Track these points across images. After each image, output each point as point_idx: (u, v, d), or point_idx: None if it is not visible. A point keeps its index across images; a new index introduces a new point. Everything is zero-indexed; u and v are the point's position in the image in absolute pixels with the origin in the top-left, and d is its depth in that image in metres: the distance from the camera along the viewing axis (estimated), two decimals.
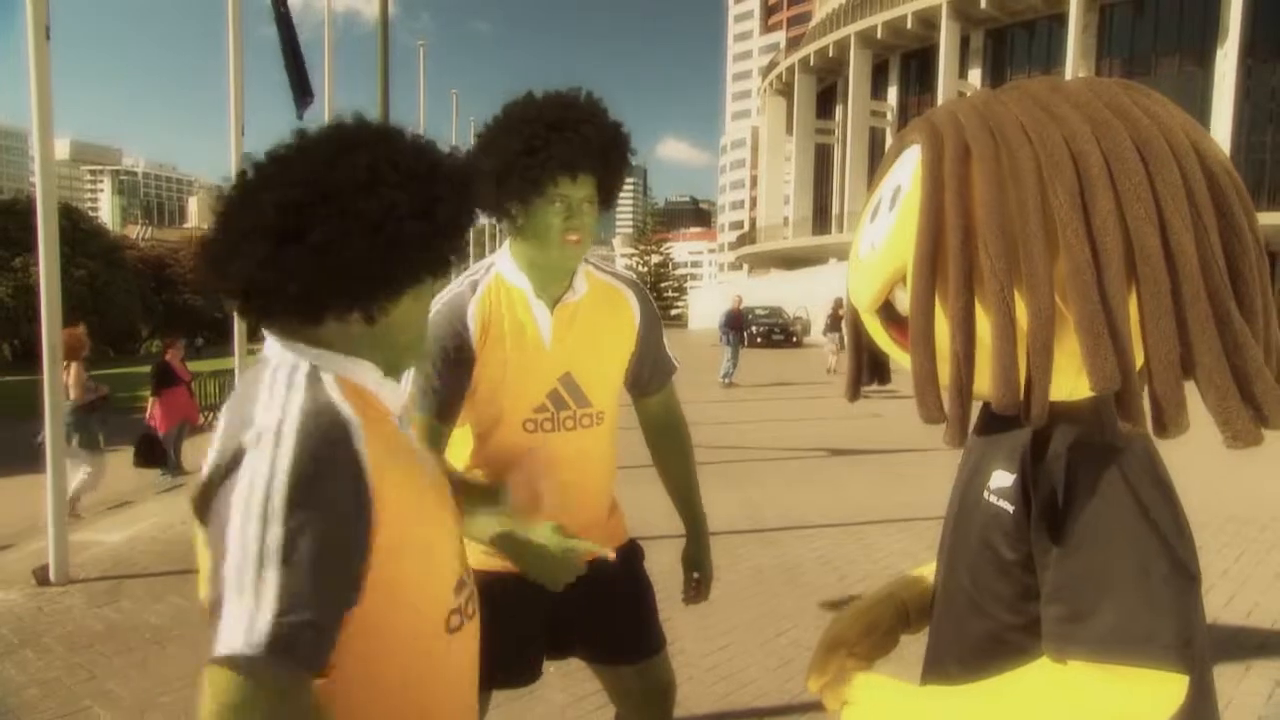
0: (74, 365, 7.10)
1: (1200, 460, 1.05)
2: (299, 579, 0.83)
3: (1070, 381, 0.86)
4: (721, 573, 4.61)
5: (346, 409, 0.95)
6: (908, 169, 0.95)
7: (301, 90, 8.07)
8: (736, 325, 16.76)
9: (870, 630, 1.18)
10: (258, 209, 0.95)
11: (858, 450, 8.44)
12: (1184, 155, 0.82)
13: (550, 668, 1.93)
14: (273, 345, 1.04)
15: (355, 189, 0.95)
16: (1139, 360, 0.83)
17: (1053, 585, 0.87)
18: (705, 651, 3.58)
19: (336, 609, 0.89)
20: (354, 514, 0.92)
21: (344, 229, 0.94)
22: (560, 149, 1.61)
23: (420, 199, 0.98)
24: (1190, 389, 0.82)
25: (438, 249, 1.03)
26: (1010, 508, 0.94)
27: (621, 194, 1.86)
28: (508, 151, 1.62)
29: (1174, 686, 0.80)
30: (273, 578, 0.82)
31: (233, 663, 0.79)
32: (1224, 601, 4.17)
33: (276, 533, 0.83)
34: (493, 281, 1.76)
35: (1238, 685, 3.28)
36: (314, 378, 0.98)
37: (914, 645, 1.23)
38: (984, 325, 0.85)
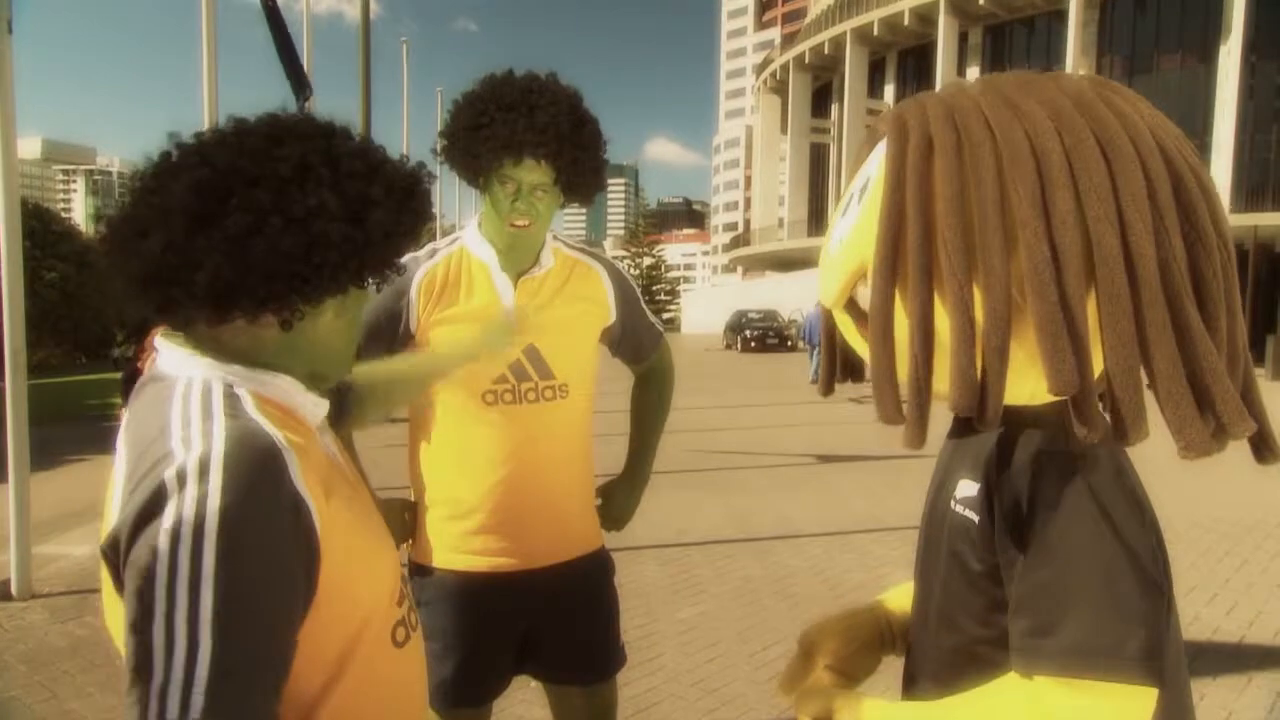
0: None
1: (1200, 467, 0.99)
2: (236, 649, 0.75)
3: (1031, 385, 0.85)
4: (709, 584, 4.65)
5: (276, 436, 0.86)
6: (876, 162, 0.93)
7: (299, 84, 7.96)
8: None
9: (848, 639, 1.16)
10: (174, 188, 0.87)
11: (852, 456, 8.33)
12: (1149, 155, 0.80)
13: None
14: (174, 357, 0.94)
15: (283, 181, 0.88)
16: (1098, 364, 0.81)
17: (1018, 598, 0.86)
18: (691, 665, 3.49)
19: (276, 673, 0.80)
20: (296, 559, 0.84)
21: (264, 219, 0.86)
22: (503, 129, 1.61)
23: (353, 202, 0.92)
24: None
25: (365, 257, 0.95)
26: (976, 518, 0.93)
27: (612, 195, 1.85)
28: (458, 124, 1.66)
29: (1142, 699, 0.79)
30: (207, 648, 0.73)
31: None
32: (1225, 611, 4.10)
33: (209, 597, 0.74)
34: (455, 252, 1.77)
35: (1239, 697, 3.22)
36: (231, 398, 0.89)
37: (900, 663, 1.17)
38: (943, 324, 0.84)
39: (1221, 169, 25.77)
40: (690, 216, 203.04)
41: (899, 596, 1.21)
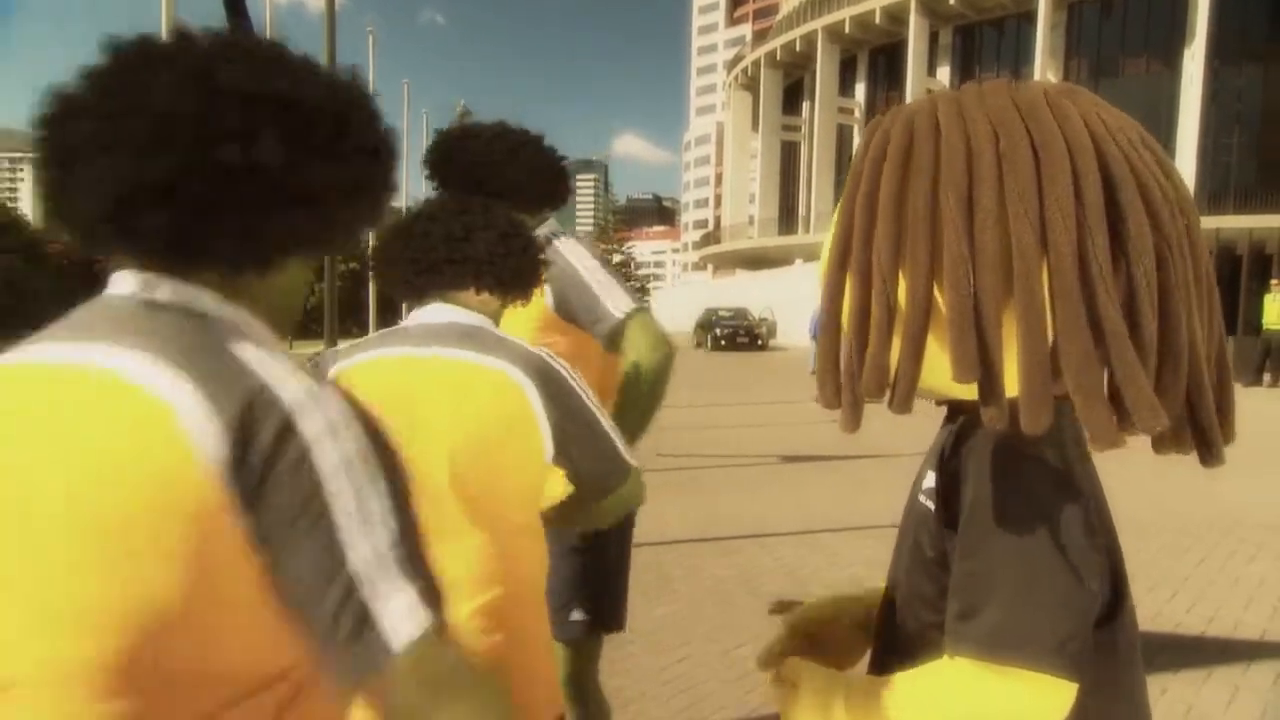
0: None
1: (1160, 465, 1.01)
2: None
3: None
4: (679, 583, 4.64)
5: None
6: None
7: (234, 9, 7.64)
8: None
9: (834, 620, 1.20)
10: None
11: (821, 457, 8.36)
12: (1079, 153, 0.81)
13: None
14: (151, 284, 0.79)
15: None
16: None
17: (952, 584, 0.90)
18: (662, 664, 3.49)
19: None
20: None
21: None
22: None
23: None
24: None
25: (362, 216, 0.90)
26: (932, 506, 0.97)
27: (581, 191, 1.92)
28: None
29: (1058, 689, 0.82)
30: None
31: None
32: (1185, 607, 4.17)
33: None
34: None
35: (1198, 691, 3.28)
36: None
37: None
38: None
39: (1184, 172, 25.60)
40: (660, 213, 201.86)
41: (875, 592, 1.22)
